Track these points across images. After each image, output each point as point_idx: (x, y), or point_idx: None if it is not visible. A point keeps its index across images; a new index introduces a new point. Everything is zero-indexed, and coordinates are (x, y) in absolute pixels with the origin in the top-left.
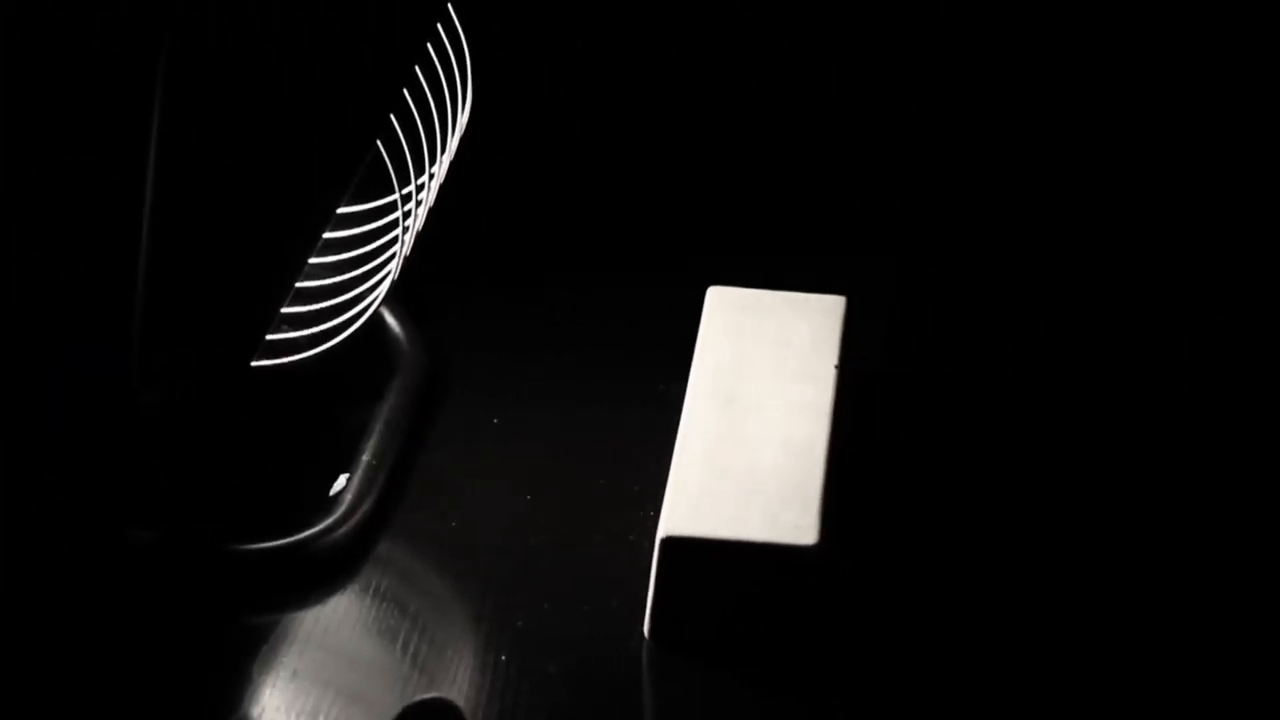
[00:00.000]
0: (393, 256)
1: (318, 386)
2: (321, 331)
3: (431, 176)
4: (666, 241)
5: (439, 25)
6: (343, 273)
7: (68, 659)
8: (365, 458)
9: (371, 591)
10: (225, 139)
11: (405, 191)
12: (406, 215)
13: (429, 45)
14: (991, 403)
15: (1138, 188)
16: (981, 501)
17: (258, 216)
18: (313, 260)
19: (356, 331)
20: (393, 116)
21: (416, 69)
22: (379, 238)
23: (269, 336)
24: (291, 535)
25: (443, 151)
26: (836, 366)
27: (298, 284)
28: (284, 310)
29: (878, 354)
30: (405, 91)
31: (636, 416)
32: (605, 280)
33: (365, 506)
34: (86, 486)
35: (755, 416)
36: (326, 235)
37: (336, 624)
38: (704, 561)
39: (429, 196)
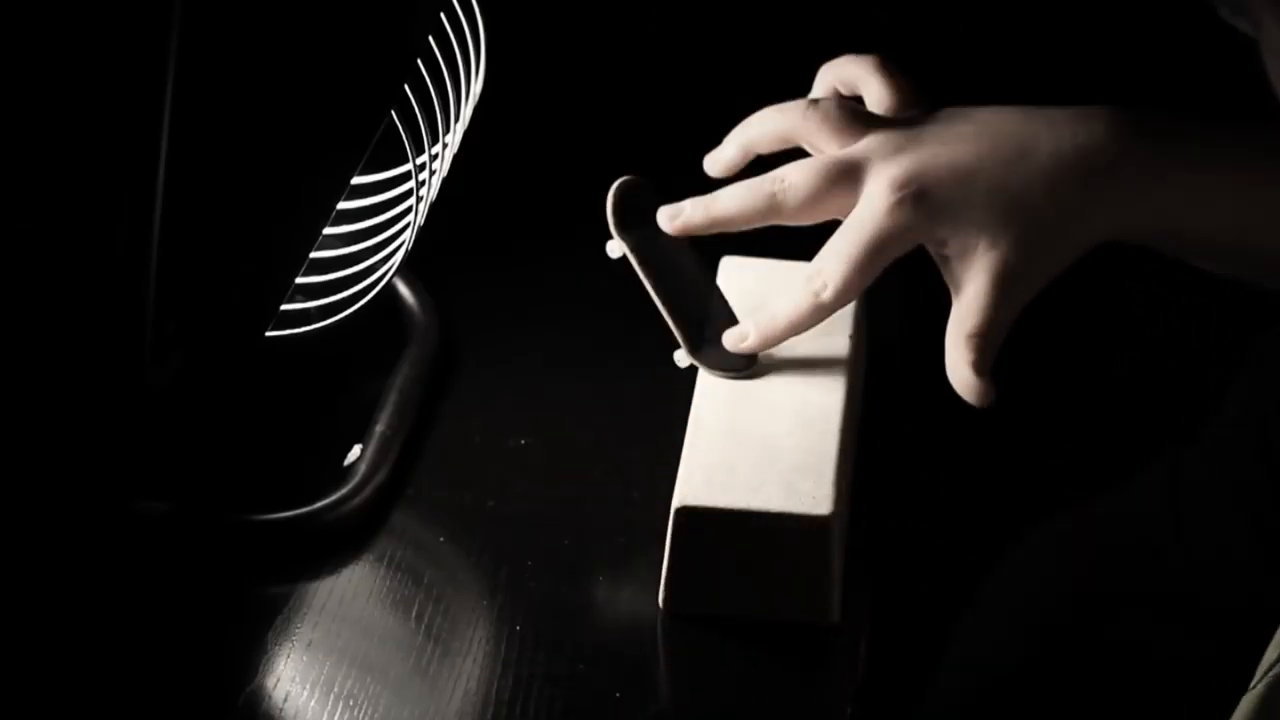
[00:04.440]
0: (407, 226)
1: (331, 357)
2: (336, 301)
3: (445, 146)
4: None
5: None
6: (357, 243)
7: (83, 632)
8: (379, 428)
9: (386, 562)
10: (240, 110)
11: (420, 161)
12: (421, 185)
13: (442, 14)
14: (1006, 371)
15: None
16: (997, 468)
17: (273, 186)
18: (327, 231)
19: (371, 302)
20: (407, 86)
21: (430, 39)
22: (393, 208)
23: (283, 307)
24: (306, 506)
25: (456, 120)
26: (851, 336)
27: (312, 254)
28: (298, 281)
29: (892, 323)
30: (419, 61)
31: (651, 387)
32: None
33: (379, 477)
34: (98, 459)
35: (770, 386)
36: (341, 205)
37: (351, 594)
38: (718, 531)
39: (443, 165)
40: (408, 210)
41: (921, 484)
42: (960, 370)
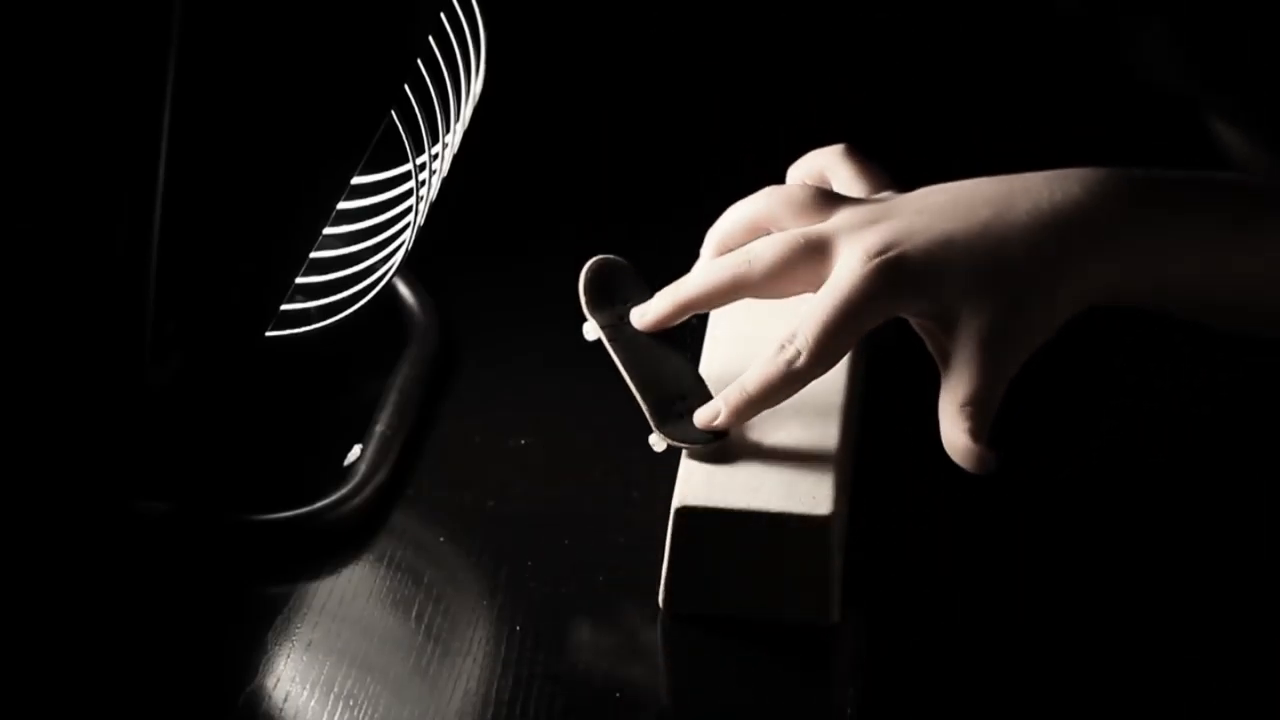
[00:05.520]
0: (407, 226)
1: (332, 357)
2: (336, 302)
3: (445, 146)
4: (679, 209)
5: None
6: (357, 243)
7: (83, 633)
8: (379, 428)
9: (386, 562)
10: (240, 110)
11: (420, 161)
12: (421, 184)
13: (442, 14)
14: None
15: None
16: (999, 470)
17: (273, 187)
18: (327, 231)
19: (370, 302)
20: (406, 86)
21: (430, 39)
22: (392, 208)
23: (283, 307)
24: (306, 506)
25: (456, 120)
26: None
27: (312, 254)
28: (298, 281)
29: (892, 323)
30: (419, 61)
31: None
32: (618, 249)
33: (379, 477)
34: (98, 459)
35: None
36: (341, 205)
37: (351, 594)
38: (718, 531)
39: (443, 165)
40: (408, 210)
41: (921, 484)
42: (958, 439)
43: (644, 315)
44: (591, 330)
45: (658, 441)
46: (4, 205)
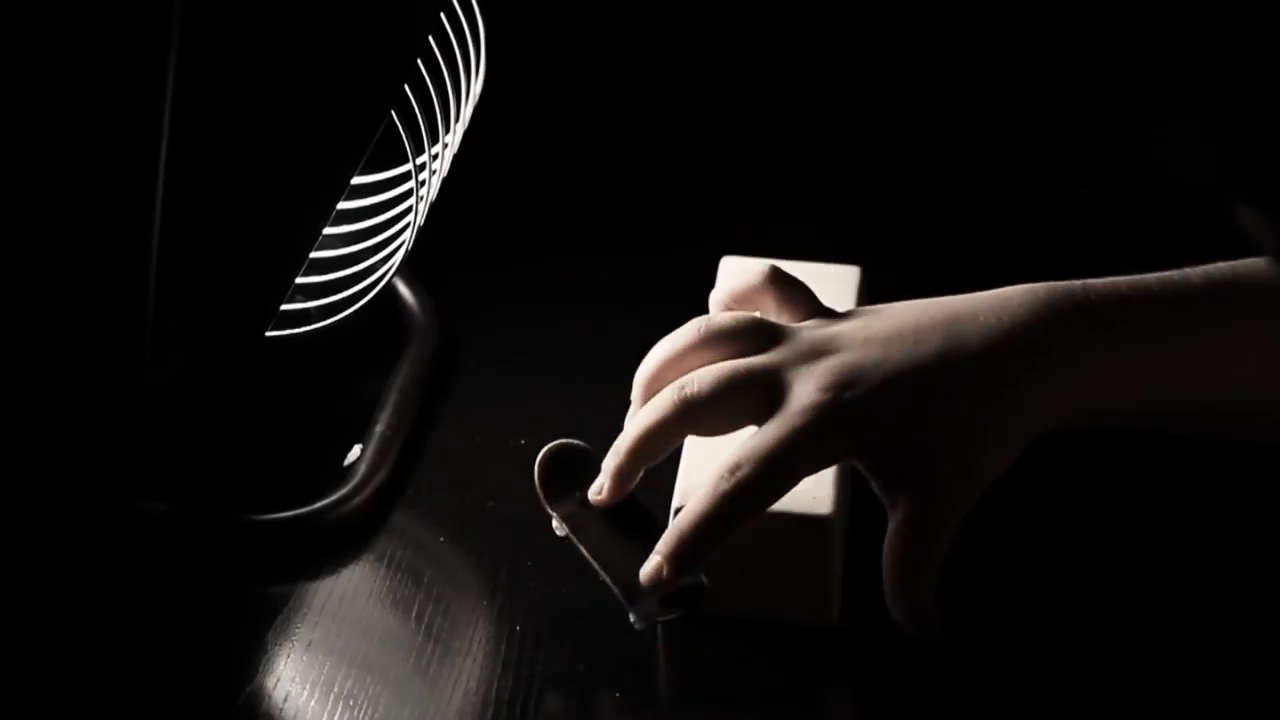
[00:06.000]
0: (407, 226)
1: (331, 357)
2: (336, 302)
3: (445, 146)
4: (679, 209)
5: None
6: (357, 243)
7: (83, 633)
8: (379, 428)
9: (386, 562)
10: (240, 110)
11: (420, 161)
12: (421, 184)
13: (442, 14)
14: None
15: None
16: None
17: (273, 187)
18: (327, 231)
19: (370, 302)
20: (406, 86)
21: (430, 39)
22: (392, 208)
23: (283, 307)
24: (306, 506)
25: (456, 120)
26: None
27: (312, 254)
28: (298, 281)
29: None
30: (419, 61)
31: None
32: (618, 249)
33: (379, 477)
34: (98, 459)
35: None
36: (341, 205)
37: (351, 594)
38: None
39: (443, 165)
40: (408, 210)
41: None
42: (905, 600)
43: (599, 493)
44: (560, 527)
45: (636, 621)
46: (4, 205)
